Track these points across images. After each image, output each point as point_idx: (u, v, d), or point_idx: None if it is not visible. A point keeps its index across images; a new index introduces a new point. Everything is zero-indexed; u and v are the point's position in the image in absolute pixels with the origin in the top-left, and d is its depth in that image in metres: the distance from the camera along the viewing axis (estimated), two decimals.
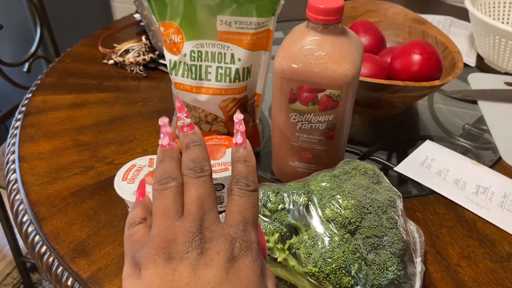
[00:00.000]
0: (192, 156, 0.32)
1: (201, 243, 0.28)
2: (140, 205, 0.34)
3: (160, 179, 0.31)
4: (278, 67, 0.50)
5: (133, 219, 0.32)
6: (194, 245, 0.28)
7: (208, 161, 0.32)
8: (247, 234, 0.30)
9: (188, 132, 0.33)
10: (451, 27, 1.03)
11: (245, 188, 0.31)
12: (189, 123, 0.34)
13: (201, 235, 0.29)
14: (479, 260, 0.52)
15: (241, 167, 0.32)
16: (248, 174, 0.32)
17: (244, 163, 0.32)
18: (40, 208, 0.56)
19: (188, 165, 0.31)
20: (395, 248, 0.43)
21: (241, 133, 0.33)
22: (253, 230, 0.30)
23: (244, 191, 0.31)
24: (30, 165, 0.63)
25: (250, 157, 0.33)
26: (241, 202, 0.31)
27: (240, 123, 0.33)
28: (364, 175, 0.48)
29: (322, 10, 0.47)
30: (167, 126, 0.33)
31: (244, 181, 0.31)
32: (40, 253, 0.52)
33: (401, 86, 0.62)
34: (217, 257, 0.28)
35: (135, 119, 0.72)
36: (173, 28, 0.55)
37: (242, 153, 0.33)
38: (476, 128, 0.75)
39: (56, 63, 0.87)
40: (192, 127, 0.34)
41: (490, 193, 0.60)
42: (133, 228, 0.32)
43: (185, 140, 0.33)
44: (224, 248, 0.28)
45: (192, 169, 0.31)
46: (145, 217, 0.33)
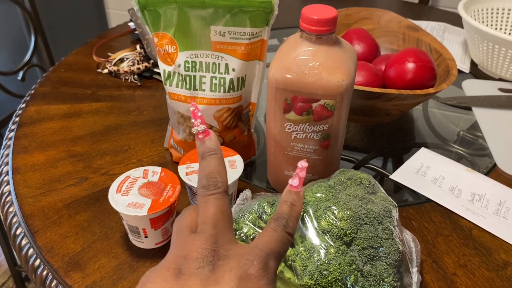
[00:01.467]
0: (207, 170, 0.31)
1: (214, 260, 0.28)
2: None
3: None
4: (272, 77, 0.50)
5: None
6: (206, 261, 0.27)
7: (222, 175, 0.32)
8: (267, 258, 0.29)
9: (204, 139, 0.33)
10: (445, 33, 1.04)
11: (282, 227, 0.31)
12: (204, 129, 0.33)
13: (214, 252, 0.28)
14: (476, 269, 0.52)
15: (286, 208, 0.32)
16: (290, 217, 0.32)
17: (290, 206, 0.32)
18: (34, 221, 0.56)
19: (202, 182, 0.31)
20: (391, 259, 0.43)
21: (299, 178, 0.33)
22: (275, 260, 0.30)
23: (280, 228, 0.31)
24: (23, 176, 0.62)
25: (298, 204, 0.33)
26: (273, 234, 0.31)
27: (302, 170, 0.33)
28: (359, 185, 0.48)
29: (315, 20, 0.47)
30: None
31: (284, 222, 0.31)
32: (34, 266, 0.52)
33: (396, 94, 0.62)
34: (228, 275, 0.27)
35: (130, 128, 0.72)
36: (167, 39, 0.55)
37: (292, 196, 0.33)
38: (470, 134, 0.76)
39: (50, 73, 0.87)
40: (207, 133, 0.33)
41: (486, 200, 0.60)
42: None
43: (201, 148, 0.32)
44: (237, 266, 0.27)
45: (205, 187, 0.31)
46: None
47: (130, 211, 0.48)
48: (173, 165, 0.65)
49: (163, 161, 0.65)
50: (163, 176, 0.52)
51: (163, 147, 0.68)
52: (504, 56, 0.84)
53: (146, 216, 0.48)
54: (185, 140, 0.61)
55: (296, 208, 0.32)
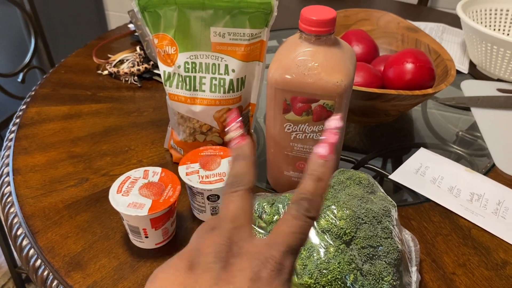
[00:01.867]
0: (235, 171, 0.31)
1: (227, 256, 0.27)
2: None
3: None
4: (272, 78, 0.50)
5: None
6: (218, 257, 0.26)
7: (250, 176, 0.30)
8: (283, 257, 0.27)
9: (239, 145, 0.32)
10: (444, 34, 1.04)
11: (304, 212, 0.28)
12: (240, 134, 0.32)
13: (227, 248, 0.27)
14: (475, 268, 0.52)
15: (310, 184, 0.29)
16: (315, 197, 0.29)
17: (316, 181, 0.29)
18: (34, 221, 0.56)
19: (229, 180, 0.30)
20: (390, 258, 0.43)
21: (329, 144, 0.29)
22: (291, 256, 0.28)
23: (301, 214, 0.28)
24: (24, 177, 0.62)
25: (326, 176, 0.29)
26: (292, 224, 0.28)
27: (334, 133, 0.29)
28: (358, 185, 0.48)
29: (314, 21, 0.47)
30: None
31: (307, 204, 0.28)
32: (35, 266, 0.52)
33: (395, 94, 0.62)
34: (239, 275, 0.26)
35: (130, 129, 0.72)
36: (167, 40, 0.55)
37: (319, 168, 0.29)
38: (469, 134, 0.76)
39: (50, 74, 0.87)
40: (243, 138, 0.32)
41: (485, 200, 0.61)
42: None
43: (234, 153, 0.32)
44: (248, 267, 0.26)
45: (230, 184, 0.30)
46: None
47: (130, 211, 0.48)
48: (173, 166, 0.65)
49: (163, 162, 0.66)
50: (163, 176, 0.52)
51: (163, 148, 0.68)
52: (503, 56, 0.84)
53: (147, 216, 0.48)
54: (185, 141, 0.62)
55: (323, 183, 0.29)
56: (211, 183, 0.52)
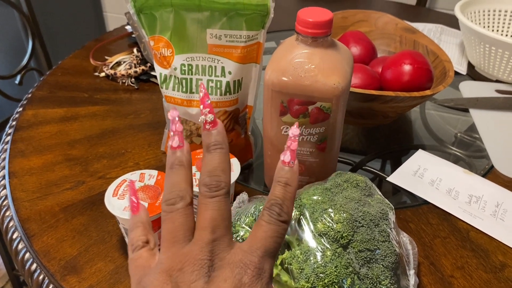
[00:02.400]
0: (211, 166, 0.30)
1: (209, 271, 0.27)
2: (139, 224, 0.32)
3: (168, 198, 0.29)
4: (268, 80, 0.50)
5: (135, 242, 0.31)
6: (201, 273, 0.27)
7: (226, 173, 0.30)
8: (261, 262, 0.28)
9: (211, 130, 0.30)
10: (442, 35, 1.04)
11: (276, 217, 0.29)
12: (212, 120, 0.30)
13: (209, 263, 0.28)
14: (473, 271, 0.52)
15: (279, 190, 0.30)
16: (284, 201, 0.30)
17: (284, 187, 0.30)
18: (30, 225, 0.56)
19: (204, 180, 0.29)
20: (388, 261, 0.43)
21: (291, 151, 0.30)
22: (270, 259, 0.29)
23: (274, 219, 0.29)
24: (20, 180, 0.62)
25: (293, 181, 0.30)
26: (266, 229, 0.29)
27: (293, 140, 0.30)
28: (356, 188, 0.48)
29: (311, 23, 0.47)
30: (177, 122, 0.30)
31: (277, 209, 0.29)
32: (30, 270, 0.52)
33: (392, 96, 0.62)
34: (223, 285, 0.27)
35: (127, 132, 0.72)
36: (163, 42, 0.55)
37: (286, 174, 0.30)
38: (468, 136, 0.76)
39: (47, 76, 0.87)
40: (215, 124, 0.30)
41: (483, 202, 0.60)
42: (137, 253, 0.30)
43: (207, 140, 0.30)
44: (232, 275, 0.27)
45: (208, 186, 0.29)
46: (147, 239, 0.31)
47: (126, 214, 0.47)
48: None
49: (160, 165, 0.65)
50: (159, 179, 0.52)
51: (160, 150, 0.68)
52: (501, 57, 0.84)
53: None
54: None
55: (291, 188, 0.30)
56: None
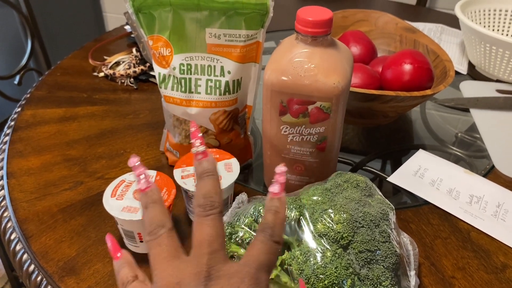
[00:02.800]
0: (204, 190, 0.32)
1: (206, 281, 0.29)
2: (124, 264, 0.34)
3: (150, 230, 0.32)
4: (268, 79, 0.50)
5: (125, 279, 0.33)
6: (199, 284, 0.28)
7: (219, 195, 0.33)
8: (258, 274, 0.30)
9: (202, 160, 0.34)
10: (442, 34, 1.04)
11: (269, 237, 0.32)
12: (203, 150, 0.34)
13: (206, 274, 0.29)
14: (474, 272, 0.52)
15: (270, 216, 0.33)
16: (275, 226, 0.32)
17: (274, 214, 0.33)
18: (28, 226, 0.55)
19: (199, 201, 0.32)
20: (388, 262, 0.42)
21: (279, 184, 0.34)
22: (265, 274, 0.31)
23: (267, 239, 0.32)
24: (18, 181, 0.62)
25: (282, 209, 0.33)
26: (260, 247, 0.31)
27: (281, 175, 0.34)
28: (356, 188, 0.48)
29: (310, 22, 0.47)
30: (139, 167, 0.33)
31: (270, 231, 0.32)
32: (28, 272, 0.51)
33: (392, 96, 0.62)
34: None
35: (126, 132, 0.72)
36: (161, 42, 0.55)
37: (275, 203, 0.33)
38: (468, 136, 0.75)
39: (46, 76, 0.86)
40: (205, 155, 0.34)
41: (484, 202, 0.60)
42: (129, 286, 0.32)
43: (199, 169, 0.33)
44: (228, 284, 0.29)
45: (202, 206, 0.32)
46: (136, 274, 0.33)
47: (124, 215, 0.47)
48: (169, 169, 0.64)
49: (159, 165, 0.65)
50: (158, 179, 0.52)
51: (159, 150, 0.68)
52: (502, 57, 0.83)
53: (141, 220, 0.47)
54: (181, 144, 0.61)
55: (280, 214, 0.33)
56: None
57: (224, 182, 0.52)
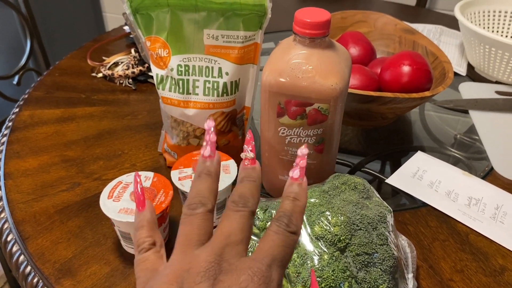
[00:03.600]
0: (241, 190, 0.31)
1: (215, 273, 0.27)
2: (144, 222, 0.32)
3: (191, 203, 0.30)
4: (266, 81, 0.49)
5: (141, 243, 0.31)
6: (207, 276, 0.27)
7: (255, 199, 0.31)
8: (269, 270, 0.28)
9: (248, 167, 0.32)
10: (442, 36, 1.03)
11: (285, 227, 0.29)
12: (252, 157, 0.33)
13: (217, 266, 0.27)
14: (473, 274, 0.51)
15: (288, 204, 0.30)
16: (293, 214, 0.30)
17: (293, 201, 0.30)
18: (25, 227, 0.55)
19: (234, 198, 0.31)
20: (386, 265, 0.42)
21: (300, 168, 0.31)
22: (278, 269, 0.28)
23: (282, 229, 0.29)
24: (15, 182, 0.61)
25: (302, 196, 0.31)
26: (274, 238, 0.29)
27: (302, 158, 0.31)
28: (354, 190, 0.47)
29: (308, 24, 0.46)
30: (211, 132, 0.32)
31: (286, 220, 0.29)
32: (24, 273, 0.51)
33: (391, 97, 0.61)
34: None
35: (124, 133, 0.71)
36: (159, 43, 0.55)
37: (295, 189, 0.31)
38: (467, 137, 0.75)
39: (44, 77, 0.86)
40: (253, 162, 0.33)
41: (483, 204, 0.60)
42: (144, 255, 0.31)
43: (242, 174, 0.32)
44: (237, 282, 0.26)
45: (235, 202, 0.30)
46: (154, 241, 0.31)
47: (121, 217, 0.47)
48: (167, 170, 0.64)
49: (157, 166, 0.65)
50: (155, 181, 0.51)
51: (157, 151, 0.68)
52: (501, 58, 0.83)
53: None
54: (178, 145, 0.61)
55: (300, 202, 0.30)
56: None
57: (221, 184, 0.51)
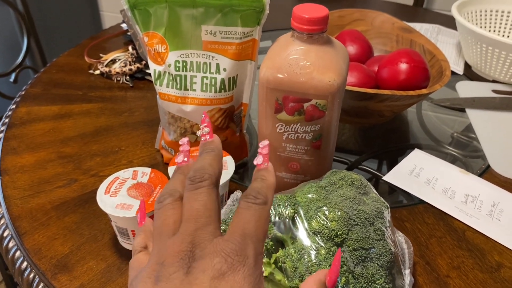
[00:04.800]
0: (198, 164, 0.30)
1: (189, 261, 0.27)
2: (141, 231, 0.33)
3: (159, 197, 0.30)
4: (263, 77, 0.49)
5: (135, 247, 0.32)
6: (180, 265, 0.27)
7: (212, 166, 0.30)
8: (243, 248, 0.27)
9: (206, 141, 0.33)
10: (439, 35, 1.04)
11: (252, 200, 0.29)
12: (208, 132, 0.33)
13: (190, 253, 0.27)
14: (469, 271, 0.51)
15: (255, 183, 0.30)
16: (261, 188, 0.30)
17: (260, 180, 0.30)
18: (21, 223, 0.55)
19: (189, 175, 0.30)
20: (383, 260, 0.42)
21: (263, 156, 0.32)
22: (253, 245, 0.28)
23: (250, 203, 0.29)
24: (12, 178, 0.61)
25: (269, 176, 0.31)
26: (244, 215, 0.28)
27: (264, 147, 0.32)
28: (351, 186, 0.47)
29: (306, 19, 0.46)
30: (185, 145, 0.33)
31: (254, 194, 0.29)
32: (20, 269, 0.51)
33: (388, 95, 0.61)
34: (201, 276, 0.26)
35: (121, 130, 0.71)
36: (157, 38, 0.55)
37: (261, 173, 0.31)
38: (464, 136, 0.75)
39: (41, 74, 0.86)
40: (211, 136, 0.33)
41: (479, 202, 0.60)
42: (135, 256, 0.31)
43: (201, 149, 0.32)
44: (211, 265, 0.26)
45: (191, 179, 0.29)
46: (146, 245, 0.32)
47: (118, 212, 0.47)
48: (164, 167, 0.64)
49: (154, 163, 0.65)
50: (152, 177, 0.51)
51: (154, 148, 0.67)
52: (498, 57, 0.83)
53: (135, 217, 0.47)
54: (176, 141, 0.61)
55: (267, 180, 0.30)
56: None
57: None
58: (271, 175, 0.31)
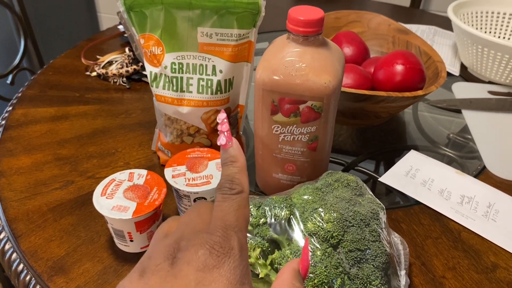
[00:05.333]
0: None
1: (174, 252, 0.27)
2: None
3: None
4: (259, 79, 0.50)
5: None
6: (166, 256, 0.27)
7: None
8: (226, 240, 0.27)
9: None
10: (435, 36, 1.04)
11: (228, 192, 0.29)
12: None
13: (176, 245, 0.27)
14: (465, 272, 0.52)
15: (226, 169, 0.29)
16: (234, 175, 0.29)
17: (230, 164, 0.29)
18: (17, 225, 0.55)
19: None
20: (379, 261, 0.42)
21: (224, 134, 0.30)
22: (236, 235, 0.27)
23: (227, 195, 0.28)
24: (8, 180, 0.61)
25: (237, 156, 0.30)
26: (223, 207, 0.28)
27: (223, 123, 0.31)
28: (346, 187, 0.47)
29: (302, 21, 0.47)
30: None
31: (228, 184, 0.29)
32: (17, 271, 0.51)
33: (384, 96, 0.62)
34: (186, 268, 0.26)
35: (117, 131, 0.71)
36: (153, 40, 0.55)
37: (229, 153, 0.30)
38: (460, 137, 0.75)
39: (38, 75, 0.86)
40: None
41: (475, 203, 0.60)
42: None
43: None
44: (195, 257, 0.26)
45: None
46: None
47: (114, 214, 0.47)
48: (161, 168, 0.64)
49: (151, 164, 0.65)
50: (149, 179, 0.51)
51: (151, 150, 0.67)
52: (494, 59, 0.84)
53: (131, 219, 0.47)
54: (172, 143, 0.61)
55: (237, 163, 0.30)
56: (198, 185, 0.51)
57: (215, 182, 0.51)
58: (239, 155, 0.30)
